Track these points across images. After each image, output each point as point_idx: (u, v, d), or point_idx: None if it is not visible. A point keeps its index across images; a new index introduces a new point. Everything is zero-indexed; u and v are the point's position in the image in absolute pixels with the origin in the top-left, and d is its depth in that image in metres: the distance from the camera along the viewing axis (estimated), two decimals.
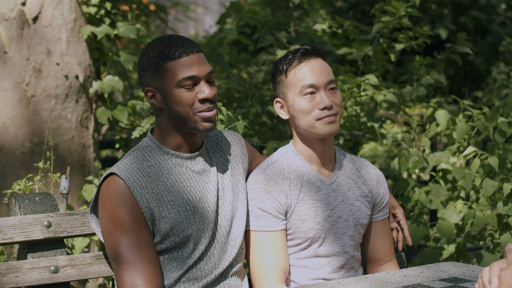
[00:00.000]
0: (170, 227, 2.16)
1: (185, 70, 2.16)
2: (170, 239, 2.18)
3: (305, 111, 2.38)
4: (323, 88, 2.39)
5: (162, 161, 2.22)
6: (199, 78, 2.17)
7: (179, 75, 2.15)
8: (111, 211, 2.11)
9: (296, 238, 2.41)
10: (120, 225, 2.10)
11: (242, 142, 2.48)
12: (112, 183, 2.14)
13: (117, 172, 2.14)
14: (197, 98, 2.17)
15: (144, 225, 2.13)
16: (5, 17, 3.92)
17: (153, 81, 2.19)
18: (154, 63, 2.18)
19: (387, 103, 4.45)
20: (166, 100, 2.19)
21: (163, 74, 2.17)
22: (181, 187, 2.20)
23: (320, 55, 2.43)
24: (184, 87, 2.16)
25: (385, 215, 2.57)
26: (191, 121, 2.18)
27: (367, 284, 2.11)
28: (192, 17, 14.54)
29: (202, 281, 2.22)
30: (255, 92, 4.62)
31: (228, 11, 5.42)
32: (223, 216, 2.29)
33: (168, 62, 2.16)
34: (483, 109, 3.61)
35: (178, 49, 2.17)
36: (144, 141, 2.27)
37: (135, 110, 4.44)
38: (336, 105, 2.40)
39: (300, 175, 2.43)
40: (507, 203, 3.34)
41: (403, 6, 4.39)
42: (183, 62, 2.16)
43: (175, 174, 2.21)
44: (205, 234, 2.23)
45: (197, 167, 2.26)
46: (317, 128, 2.38)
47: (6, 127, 3.92)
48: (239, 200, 2.34)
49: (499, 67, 12.46)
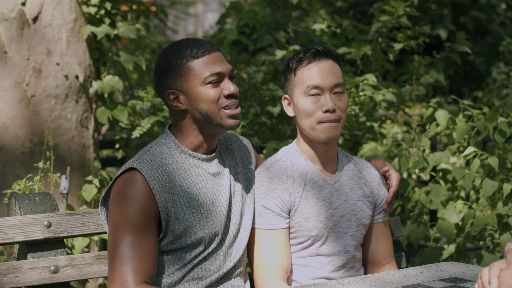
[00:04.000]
0: (183, 229, 2.16)
1: (211, 67, 2.19)
2: (182, 240, 2.17)
3: (307, 112, 2.38)
4: (329, 91, 2.38)
5: (179, 160, 2.22)
6: (223, 74, 2.21)
7: (205, 72, 2.18)
8: (122, 205, 2.10)
9: (299, 236, 2.41)
10: (129, 221, 2.08)
11: (250, 146, 2.49)
12: (131, 178, 2.12)
13: (139, 167, 2.13)
14: (223, 94, 2.20)
15: (152, 224, 2.12)
16: (5, 17, 3.92)
17: (176, 82, 2.20)
18: (176, 65, 2.19)
19: (387, 103, 4.45)
20: (191, 100, 2.20)
21: (187, 74, 2.19)
22: (197, 188, 2.20)
23: (332, 56, 2.41)
24: (210, 84, 2.18)
25: (385, 217, 2.58)
26: (217, 117, 2.20)
27: (367, 284, 2.11)
28: (191, 14, 14.54)
29: (206, 280, 2.22)
30: (254, 92, 4.63)
31: (228, 11, 5.42)
32: (233, 220, 2.29)
33: (192, 61, 2.18)
34: (483, 109, 3.61)
35: (200, 48, 2.20)
36: (162, 137, 2.27)
37: (135, 110, 4.44)
38: (340, 109, 2.38)
39: (303, 173, 2.43)
40: (507, 203, 3.34)
41: (401, 5, 4.39)
42: (207, 60, 2.19)
43: (192, 174, 2.21)
44: (216, 238, 2.23)
45: (212, 169, 2.27)
46: (317, 131, 2.38)
47: (6, 127, 3.92)
48: (246, 205, 2.35)
49: (499, 67, 12.46)
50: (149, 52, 9.11)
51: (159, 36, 10.48)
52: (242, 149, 2.45)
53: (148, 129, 4.34)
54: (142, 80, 8.73)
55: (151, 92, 4.63)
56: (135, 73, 8.56)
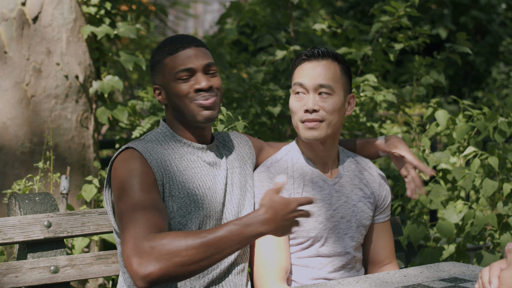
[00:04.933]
0: (177, 207, 2.17)
1: (180, 63, 2.24)
2: (176, 220, 2.17)
3: (292, 110, 2.40)
4: (313, 91, 2.36)
5: (175, 147, 2.26)
6: (194, 70, 2.24)
7: (176, 68, 2.24)
8: (124, 175, 2.11)
9: (299, 237, 2.41)
10: (132, 184, 2.08)
11: (249, 142, 2.49)
12: (128, 154, 2.15)
13: (134, 146, 2.17)
14: (192, 89, 2.24)
15: (154, 187, 2.12)
16: (5, 17, 3.92)
17: (158, 78, 2.29)
18: (157, 61, 2.29)
19: (387, 103, 4.45)
20: (168, 95, 2.27)
21: (163, 69, 2.26)
22: (193, 172, 2.23)
23: (328, 57, 2.39)
24: (180, 79, 2.23)
25: (386, 217, 2.57)
26: (189, 111, 2.24)
27: (367, 284, 2.11)
28: (191, 14, 14.54)
29: (208, 276, 2.22)
30: (254, 93, 4.63)
31: (228, 11, 5.42)
32: (230, 211, 2.29)
33: (167, 58, 2.26)
34: (483, 109, 3.61)
35: (177, 44, 2.26)
36: (157, 128, 2.33)
37: (135, 110, 4.44)
38: (324, 110, 2.34)
39: (303, 174, 2.43)
40: (507, 203, 3.34)
41: (402, 6, 4.39)
42: (180, 56, 2.25)
43: (187, 160, 2.25)
44: (210, 223, 2.23)
45: (208, 158, 2.29)
46: (300, 130, 2.38)
47: (6, 127, 3.92)
48: (246, 199, 2.35)
49: (499, 67, 12.46)
50: (149, 52, 9.11)
51: (159, 36, 10.49)
52: (241, 146, 2.45)
53: (148, 129, 4.34)
54: (142, 80, 8.73)
55: (151, 92, 4.63)
56: (135, 73, 8.56)
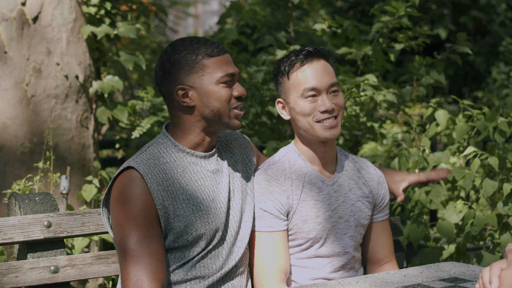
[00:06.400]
0: (184, 226, 2.17)
1: (226, 67, 2.22)
2: (183, 238, 2.18)
3: (305, 113, 2.38)
4: (325, 91, 2.38)
5: (177, 159, 2.23)
6: (235, 76, 2.25)
7: (220, 71, 2.21)
8: (124, 204, 2.11)
9: (298, 238, 2.41)
10: (132, 218, 2.09)
11: (250, 145, 2.50)
12: (129, 176, 2.14)
13: (135, 166, 2.14)
14: (233, 95, 2.24)
15: (155, 221, 2.13)
16: (5, 17, 3.92)
17: (188, 78, 2.21)
18: (190, 60, 2.20)
19: (387, 103, 4.45)
20: (202, 97, 2.21)
21: (202, 70, 2.21)
22: (196, 186, 2.22)
23: (323, 56, 2.42)
24: (224, 83, 2.22)
25: (385, 216, 2.57)
26: (226, 117, 2.23)
27: (367, 284, 2.11)
28: (191, 14, 14.54)
29: (208, 279, 2.23)
30: (254, 92, 4.63)
31: (228, 11, 5.41)
32: (233, 217, 2.30)
33: (208, 59, 2.21)
34: (483, 109, 3.61)
35: (215, 47, 2.23)
36: (159, 137, 2.28)
37: (135, 110, 4.44)
38: (338, 106, 2.40)
39: (301, 175, 2.42)
40: (507, 203, 3.34)
41: (402, 6, 4.39)
42: (222, 60, 2.23)
43: (190, 172, 2.23)
44: (216, 234, 2.24)
45: (211, 166, 2.28)
46: (317, 131, 2.38)
47: (6, 127, 3.92)
48: (247, 202, 2.35)
49: (499, 67, 12.46)
50: (149, 52, 9.11)
51: (159, 36, 10.49)
52: (242, 147, 2.45)
53: (148, 129, 4.34)
54: (142, 80, 8.74)
55: (151, 92, 4.63)
56: (135, 73, 8.56)
